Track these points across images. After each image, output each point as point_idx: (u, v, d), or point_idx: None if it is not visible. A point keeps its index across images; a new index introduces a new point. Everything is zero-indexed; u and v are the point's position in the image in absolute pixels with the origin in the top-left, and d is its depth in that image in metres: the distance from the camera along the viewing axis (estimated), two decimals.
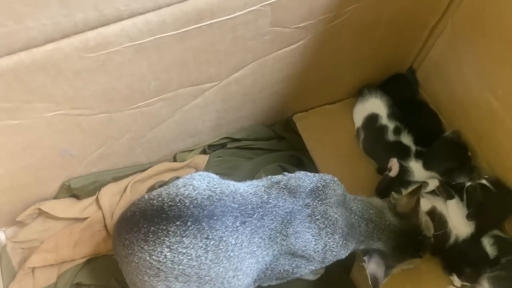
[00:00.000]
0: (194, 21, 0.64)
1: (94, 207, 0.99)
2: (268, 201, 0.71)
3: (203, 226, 0.66)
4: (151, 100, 0.79)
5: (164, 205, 0.68)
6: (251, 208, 0.69)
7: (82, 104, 0.71)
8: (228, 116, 0.97)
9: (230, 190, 0.71)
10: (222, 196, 0.69)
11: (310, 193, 0.73)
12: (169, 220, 0.66)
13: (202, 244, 0.66)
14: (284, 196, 0.72)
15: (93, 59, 0.62)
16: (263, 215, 0.69)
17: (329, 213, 0.72)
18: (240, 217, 0.68)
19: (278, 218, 0.70)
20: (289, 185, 0.73)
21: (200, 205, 0.67)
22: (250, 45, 0.76)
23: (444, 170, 0.93)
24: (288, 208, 0.71)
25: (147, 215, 0.68)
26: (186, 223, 0.66)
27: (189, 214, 0.67)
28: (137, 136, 0.89)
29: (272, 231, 0.70)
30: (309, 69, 0.91)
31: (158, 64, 0.70)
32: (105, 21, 0.57)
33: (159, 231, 0.66)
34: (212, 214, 0.67)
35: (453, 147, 0.96)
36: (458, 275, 0.90)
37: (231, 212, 0.68)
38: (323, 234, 0.71)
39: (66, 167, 0.89)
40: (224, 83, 0.84)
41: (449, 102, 1.01)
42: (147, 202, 0.70)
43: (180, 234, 0.66)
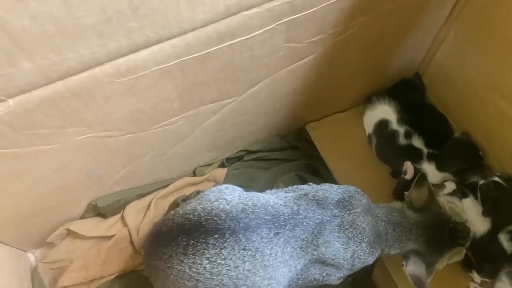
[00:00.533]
0: (215, 43, 0.67)
1: (120, 225, 1.02)
2: (298, 212, 0.74)
3: (240, 238, 0.69)
4: (174, 119, 0.83)
5: (201, 219, 0.71)
6: (283, 220, 0.73)
7: (111, 127, 0.75)
8: (243, 129, 1.01)
9: (262, 202, 0.75)
10: (255, 209, 0.73)
11: (338, 204, 0.76)
12: (207, 233, 0.70)
13: (240, 255, 0.69)
14: (313, 208, 0.75)
15: (123, 83, 0.66)
16: (294, 226, 0.73)
17: (357, 223, 0.76)
18: (274, 229, 0.71)
19: (309, 228, 0.73)
20: (317, 196, 0.77)
21: (235, 218, 0.71)
22: (265, 62, 0.80)
23: (457, 171, 0.97)
24: (318, 219, 0.74)
25: (186, 229, 0.72)
26: (224, 235, 0.69)
27: (226, 227, 0.70)
28: (159, 154, 0.92)
29: (303, 241, 0.73)
30: (319, 81, 0.94)
31: (182, 85, 0.74)
32: (136, 47, 0.61)
33: (198, 244, 0.69)
34: (247, 226, 0.70)
35: (464, 148, 0.99)
36: (478, 272, 0.92)
37: (265, 224, 0.71)
38: (351, 243, 0.75)
39: (93, 187, 0.92)
40: (241, 98, 0.87)
41: (456, 104, 1.05)
42: (184, 217, 0.74)
43: (219, 246, 0.69)
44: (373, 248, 0.78)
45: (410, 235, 0.79)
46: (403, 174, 0.97)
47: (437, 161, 0.99)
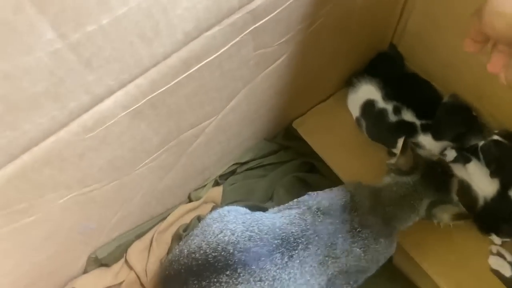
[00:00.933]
0: (182, 71, 0.62)
1: (126, 269, 0.97)
2: (307, 228, 0.70)
3: (253, 270, 0.65)
4: (155, 155, 0.78)
5: (208, 257, 0.68)
6: (293, 240, 0.69)
7: (91, 181, 0.70)
8: (231, 144, 0.96)
9: (268, 225, 0.71)
10: (262, 235, 0.69)
11: (343, 208, 0.73)
12: (218, 271, 0.66)
13: (257, 287, 0.65)
14: (320, 219, 0.71)
15: (94, 137, 0.61)
16: (307, 244, 0.69)
17: (367, 221, 0.72)
18: (287, 252, 0.68)
19: (322, 242, 0.70)
20: (321, 207, 0.73)
21: (244, 249, 0.67)
22: (238, 74, 0.75)
23: (455, 137, 0.94)
24: (328, 229, 0.71)
25: (194, 271, 0.68)
26: (236, 270, 0.65)
27: (236, 260, 0.66)
28: (149, 191, 0.87)
29: (320, 256, 0.69)
30: (297, 77, 0.90)
31: (156, 121, 0.68)
32: (98, 99, 0.55)
33: (211, 284, 0.65)
34: (259, 255, 0.66)
35: (457, 111, 0.96)
36: (497, 234, 0.90)
37: (276, 249, 0.68)
38: (368, 243, 0.72)
39: (89, 241, 0.87)
40: (221, 115, 0.83)
41: (439, 69, 1.01)
42: (190, 257, 0.70)
43: (233, 283, 0.65)
44: (390, 237, 0.75)
45: (419, 196, 0.76)
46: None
47: (432, 131, 0.96)
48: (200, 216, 0.99)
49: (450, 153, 0.95)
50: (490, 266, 0.90)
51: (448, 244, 0.93)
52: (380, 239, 0.73)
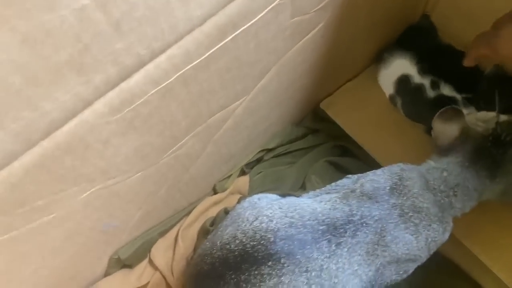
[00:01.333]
0: (217, 40, 0.54)
1: (150, 270, 0.90)
2: (353, 214, 0.63)
3: (298, 259, 0.58)
4: (183, 141, 0.70)
5: (246, 247, 0.60)
6: (340, 226, 0.61)
7: (116, 172, 0.62)
8: (258, 128, 0.88)
9: (308, 211, 0.63)
10: (304, 221, 0.61)
11: (392, 192, 0.65)
12: (259, 262, 0.58)
13: (303, 278, 0.58)
14: (366, 204, 0.64)
15: (120, 120, 0.53)
16: (355, 231, 0.61)
17: (418, 205, 0.65)
18: (334, 239, 0.60)
19: (371, 229, 0.62)
20: (366, 190, 0.65)
21: (287, 237, 0.59)
22: (272, 47, 0.67)
23: (502, 110, 0.86)
24: (376, 215, 0.63)
25: (231, 264, 0.60)
26: (279, 260, 0.58)
27: (279, 250, 0.58)
28: (174, 183, 0.80)
29: (369, 244, 0.62)
30: (330, 50, 0.82)
31: (187, 101, 0.61)
32: (127, 73, 0.47)
33: (251, 277, 0.58)
34: (304, 243, 0.59)
35: (502, 82, 0.88)
36: None
37: (323, 236, 0.60)
38: (421, 229, 0.64)
39: (111, 240, 0.80)
40: (251, 96, 0.75)
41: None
42: (224, 249, 0.62)
43: (276, 275, 0.57)
44: (445, 224, 0.67)
45: (471, 178, 0.68)
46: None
47: (476, 105, 0.88)
48: (227, 208, 0.91)
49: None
50: None
51: (499, 227, 0.87)
52: (433, 225, 0.65)
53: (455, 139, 0.71)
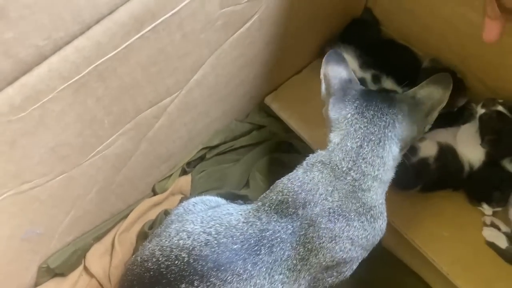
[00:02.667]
0: (134, 31, 0.50)
1: (85, 278, 0.85)
2: (264, 228, 0.58)
3: (213, 283, 0.54)
4: (109, 140, 0.65)
5: (160, 267, 0.56)
6: (254, 243, 0.56)
7: (32, 175, 0.57)
8: (198, 125, 0.85)
9: (224, 225, 0.58)
10: (219, 238, 0.57)
11: (294, 203, 0.59)
12: (171, 285, 0.54)
13: None
14: (275, 218, 0.59)
15: (26, 118, 0.48)
16: (270, 248, 0.56)
17: (328, 206, 0.58)
18: (249, 258, 0.55)
19: (286, 244, 0.57)
20: (274, 202, 0.60)
21: (200, 257, 0.55)
22: (203, 38, 0.63)
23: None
24: (289, 229, 0.58)
25: (146, 284, 0.56)
26: (193, 283, 0.54)
27: (192, 271, 0.54)
28: (106, 185, 0.75)
29: (288, 260, 0.57)
30: (269, 44, 0.80)
31: (106, 97, 0.56)
32: (26, 66, 0.42)
33: None
34: (217, 264, 0.54)
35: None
36: (488, 202, 0.84)
37: (237, 255, 0.55)
38: (338, 233, 0.58)
39: (37, 248, 0.74)
40: (184, 91, 0.71)
41: (419, 32, 0.94)
42: (142, 267, 0.58)
43: None
44: (368, 214, 0.60)
45: (372, 123, 0.61)
46: None
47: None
48: (168, 210, 0.87)
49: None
50: (485, 239, 0.84)
51: (440, 219, 0.87)
52: (352, 223, 0.59)
53: (346, 81, 0.66)
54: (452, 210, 0.88)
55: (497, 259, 0.82)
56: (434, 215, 0.87)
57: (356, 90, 0.64)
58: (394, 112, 0.62)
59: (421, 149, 0.85)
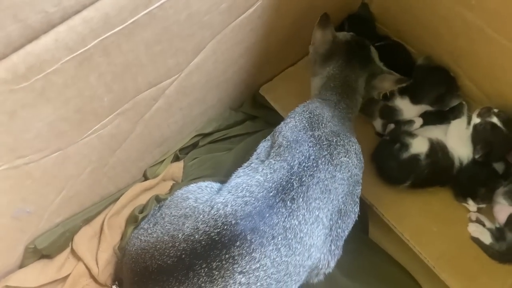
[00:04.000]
0: (142, 6, 0.50)
1: (72, 261, 0.84)
2: (291, 165, 0.66)
3: (263, 230, 0.60)
4: (107, 119, 0.65)
5: (211, 235, 0.61)
6: (286, 182, 0.64)
7: (27, 150, 0.56)
8: (193, 112, 0.84)
9: (255, 185, 0.65)
10: (255, 195, 0.63)
11: (311, 127, 0.71)
12: (226, 246, 0.60)
13: (272, 246, 0.61)
14: (297, 149, 0.68)
15: (28, 89, 0.47)
16: (300, 179, 0.64)
17: (334, 129, 0.72)
18: (286, 197, 0.63)
19: (313, 169, 0.66)
20: (290, 138, 0.70)
21: (245, 215, 0.61)
22: (207, 20, 0.63)
23: (435, 98, 0.89)
24: (311, 155, 0.67)
25: (199, 254, 0.60)
26: (246, 238, 0.60)
27: (242, 229, 0.60)
28: (99, 166, 0.74)
29: (319, 183, 0.65)
30: (270, 33, 0.80)
31: (109, 73, 0.55)
32: (33, 33, 0.42)
33: (223, 263, 0.59)
34: (262, 214, 0.61)
35: (434, 72, 0.91)
36: (473, 198, 0.87)
37: (275, 200, 0.63)
38: (348, 147, 0.71)
39: (26, 228, 0.73)
40: (184, 74, 0.71)
41: (414, 29, 0.96)
42: (188, 241, 0.62)
43: (247, 253, 0.59)
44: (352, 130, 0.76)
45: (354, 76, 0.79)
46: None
47: (410, 94, 0.90)
48: (158, 196, 0.87)
49: (417, 121, 0.91)
50: (470, 234, 0.87)
51: (428, 214, 0.89)
52: (352, 138, 0.73)
53: (330, 42, 0.80)
54: (440, 205, 0.90)
55: (481, 254, 0.85)
56: (422, 210, 0.89)
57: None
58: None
59: (413, 146, 0.87)
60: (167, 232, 0.65)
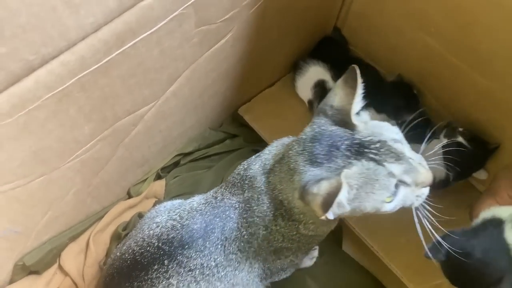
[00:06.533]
0: (115, 47, 0.55)
1: (59, 276, 0.88)
2: (217, 205, 0.63)
3: (180, 260, 0.61)
4: (88, 145, 0.69)
5: (135, 255, 0.63)
6: (209, 221, 0.62)
7: (12, 177, 0.61)
8: (173, 133, 0.89)
9: (188, 210, 0.65)
10: (183, 221, 0.64)
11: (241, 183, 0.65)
12: (146, 268, 0.61)
13: (190, 277, 0.61)
14: (227, 196, 0.64)
15: (12, 124, 0.52)
16: (223, 226, 0.62)
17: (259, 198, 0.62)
18: (207, 236, 0.62)
19: (233, 222, 0.62)
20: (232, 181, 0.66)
21: (168, 240, 0.62)
22: (179, 54, 0.69)
23: (393, 109, 0.95)
24: (236, 207, 0.63)
25: (124, 273, 0.63)
26: (163, 263, 0.61)
27: (161, 253, 0.61)
28: (83, 187, 0.79)
29: (237, 241, 0.62)
30: (242, 59, 0.85)
31: (87, 105, 0.61)
32: (15, 78, 0.47)
33: (143, 283, 0.61)
34: (182, 244, 0.61)
35: (397, 87, 0.98)
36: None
37: (197, 234, 0.62)
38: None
39: (14, 246, 0.77)
40: (161, 101, 0.76)
41: (383, 52, 1.01)
42: (120, 260, 0.64)
43: (164, 277, 0.61)
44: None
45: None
46: None
47: (374, 104, 0.96)
48: (141, 213, 0.91)
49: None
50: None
51: (398, 227, 0.93)
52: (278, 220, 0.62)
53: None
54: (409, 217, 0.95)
55: None
56: (392, 223, 0.94)
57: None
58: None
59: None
60: (116, 250, 0.69)
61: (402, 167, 0.52)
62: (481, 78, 0.82)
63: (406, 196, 0.55)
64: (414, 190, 0.55)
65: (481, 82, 0.83)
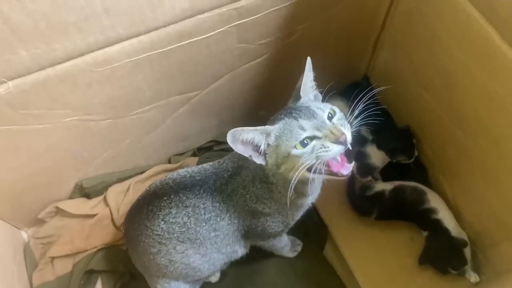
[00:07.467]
0: (176, 40, 0.84)
1: (102, 205, 1.16)
2: (218, 167, 0.87)
3: (181, 197, 0.84)
4: (146, 108, 0.98)
5: (156, 188, 0.88)
6: (207, 175, 0.86)
7: (92, 111, 0.91)
8: (211, 122, 1.16)
9: (199, 168, 0.89)
10: (193, 173, 0.88)
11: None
12: (159, 197, 0.86)
13: (185, 212, 0.83)
14: (227, 162, 0.87)
15: (101, 73, 0.82)
16: (215, 180, 0.84)
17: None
18: (203, 185, 0.84)
19: (223, 179, 0.84)
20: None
21: (179, 182, 0.86)
22: (223, 59, 0.96)
23: (390, 149, 1.15)
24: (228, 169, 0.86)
25: (146, 199, 0.89)
26: (170, 196, 0.84)
27: (170, 190, 0.86)
28: (136, 140, 1.07)
29: (222, 194, 0.84)
30: (274, 79, 1.09)
31: (151, 76, 0.90)
32: (109, 42, 0.77)
33: (154, 208, 0.85)
34: (185, 186, 0.85)
35: (400, 133, 1.18)
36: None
37: (197, 182, 0.85)
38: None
39: (79, 168, 1.07)
40: (205, 92, 1.03)
41: (395, 100, 1.21)
42: (147, 190, 0.91)
43: (168, 206, 0.84)
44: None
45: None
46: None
47: (377, 142, 1.17)
48: None
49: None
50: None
51: (373, 241, 1.11)
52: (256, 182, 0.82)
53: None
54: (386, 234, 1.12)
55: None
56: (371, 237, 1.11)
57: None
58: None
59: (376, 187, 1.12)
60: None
61: (312, 123, 0.70)
62: (460, 134, 0.99)
63: (315, 147, 0.68)
64: (324, 143, 0.68)
65: (460, 137, 0.99)
